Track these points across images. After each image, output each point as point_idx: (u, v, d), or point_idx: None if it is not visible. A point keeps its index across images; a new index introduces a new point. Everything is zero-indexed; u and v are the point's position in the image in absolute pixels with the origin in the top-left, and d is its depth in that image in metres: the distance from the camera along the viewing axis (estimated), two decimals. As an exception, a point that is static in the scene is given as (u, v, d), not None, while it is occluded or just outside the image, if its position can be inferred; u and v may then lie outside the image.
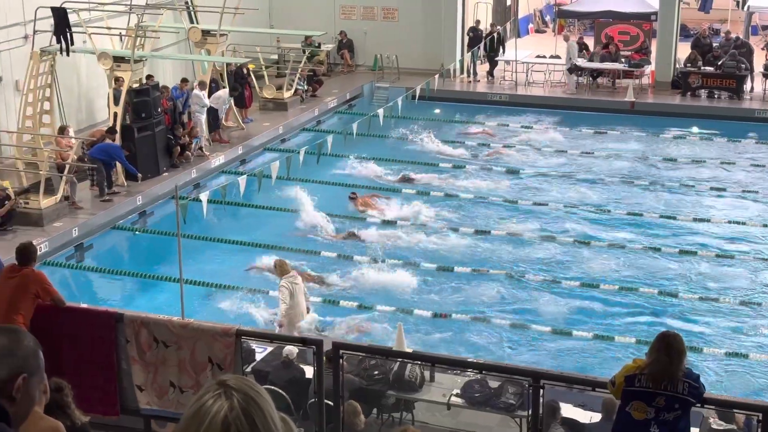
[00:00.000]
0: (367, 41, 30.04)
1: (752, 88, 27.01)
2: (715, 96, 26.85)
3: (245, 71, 24.66)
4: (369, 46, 30.00)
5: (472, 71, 29.21)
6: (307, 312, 13.58)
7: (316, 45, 28.41)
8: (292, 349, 10.68)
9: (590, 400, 10.20)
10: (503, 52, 29.57)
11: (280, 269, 13.42)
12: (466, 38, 29.26)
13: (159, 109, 20.30)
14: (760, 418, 7.17)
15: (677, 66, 28.01)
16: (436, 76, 25.16)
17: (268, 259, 15.65)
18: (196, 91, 21.93)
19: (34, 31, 19.74)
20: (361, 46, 30.36)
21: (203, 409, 2.07)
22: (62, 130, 19.61)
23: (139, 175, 19.26)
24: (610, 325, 14.78)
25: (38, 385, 2.95)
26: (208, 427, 2.04)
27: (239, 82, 24.15)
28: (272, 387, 10.61)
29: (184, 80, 22.82)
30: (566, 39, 28.66)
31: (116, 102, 19.68)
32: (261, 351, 11.38)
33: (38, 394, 2.97)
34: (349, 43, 30.23)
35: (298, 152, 18.80)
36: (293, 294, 13.05)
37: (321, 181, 20.84)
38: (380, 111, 21.76)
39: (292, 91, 26.07)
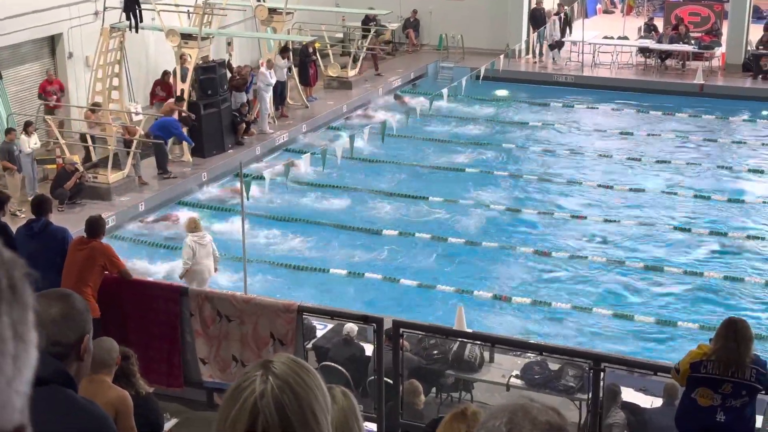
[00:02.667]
0: (432, 20, 29.89)
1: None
2: (788, 79, 26.25)
3: (311, 50, 24.74)
4: (434, 25, 29.85)
5: (539, 51, 28.92)
6: (215, 271, 13.42)
7: (379, 23, 28.32)
8: (352, 327, 10.74)
9: (651, 385, 10.12)
10: (570, 32, 29.22)
11: (188, 226, 13.32)
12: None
13: (225, 87, 20.49)
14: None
15: (749, 48, 27.41)
16: (501, 56, 24.99)
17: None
18: (263, 69, 22.06)
19: (104, 8, 20.04)
20: (427, 26, 30.23)
21: (238, 390, 1.96)
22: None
23: (192, 144, 19.50)
24: (673, 309, 14.61)
25: (91, 342, 3.09)
26: (239, 411, 1.93)
27: (304, 60, 24.24)
28: (332, 364, 10.73)
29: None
30: (548, 15, 28.25)
31: (183, 79, 19.92)
32: (322, 328, 11.47)
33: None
34: (415, 22, 30.13)
35: (362, 131, 18.86)
36: (195, 253, 12.92)
37: (384, 160, 20.90)
38: (444, 91, 21.70)
39: (357, 69, 26.12)
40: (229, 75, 21.35)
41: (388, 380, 9.09)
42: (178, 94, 20.06)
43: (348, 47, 27.30)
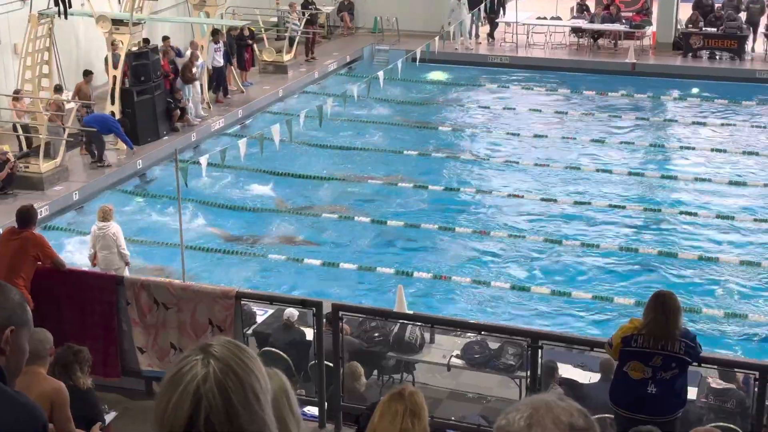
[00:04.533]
0: (367, 3, 29.83)
1: (753, 48, 26.88)
2: (717, 57, 26.71)
3: (247, 34, 24.54)
4: (369, 8, 29.80)
5: (473, 33, 29.01)
6: (125, 266, 13.34)
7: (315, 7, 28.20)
8: (292, 312, 10.72)
9: (589, 361, 10.26)
10: (504, 13, 29.38)
11: (98, 214, 13.27)
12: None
13: (159, 73, 20.23)
14: (757, 376, 7.22)
15: (678, 27, 27.84)
16: (437, 38, 25.01)
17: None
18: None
19: (32, -6, 19.63)
20: (361, 8, 30.16)
21: (178, 375, 1.94)
22: (58, 89, 19.56)
23: (134, 148, 19.20)
24: (610, 285, 14.82)
25: (27, 338, 2.98)
26: (181, 396, 1.91)
27: (240, 45, 24.02)
28: (273, 349, 10.70)
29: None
30: None
31: (115, 65, 19.61)
32: (262, 313, 11.44)
33: (28, 347, 3.01)
34: (349, 5, 30.03)
35: (299, 115, 18.76)
36: (95, 242, 12.98)
37: (323, 144, 20.86)
38: (380, 73, 21.67)
39: (292, 53, 25.97)
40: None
41: (329, 364, 9.10)
42: (110, 81, 19.74)
43: (282, 31, 27.13)
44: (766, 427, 7.32)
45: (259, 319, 11.35)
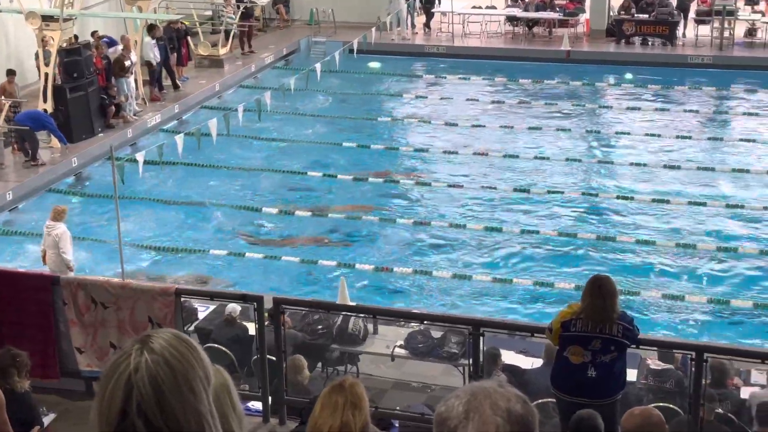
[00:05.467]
0: (303, -5, 29.74)
1: (684, 33, 27.32)
2: (649, 43, 27.09)
3: (184, 28, 24.29)
4: (304, 0, 29.69)
5: (409, 23, 29.07)
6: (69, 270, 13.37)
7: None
8: (234, 307, 10.66)
9: (532, 347, 10.36)
10: (439, 3, 29.49)
11: (51, 214, 13.24)
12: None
13: (92, 69, 19.92)
14: (694, 356, 7.35)
15: (611, 14, 28.18)
16: (373, 29, 25.03)
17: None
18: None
19: (-42, -9, 19.22)
20: (297, 0, 30.02)
21: (114, 366, 1.96)
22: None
23: (67, 144, 18.90)
24: (550, 271, 14.96)
25: None
26: (114, 387, 1.92)
27: (177, 39, 23.73)
28: (215, 345, 10.63)
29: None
30: None
31: (46, 62, 19.27)
32: (203, 309, 11.36)
33: None
34: (284, -3, 29.88)
35: (236, 109, 18.65)
36: (43, 240, 13.06)
37: (262, 137, 20.74)
38: (317, 66, 21.62)
39: (228, 46, 25.77)
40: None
41: (272, 358, 9.07)
42: (42, 78, 19.40)
43: (218, 25, 26.90)
44: (703, 405, 7.46)
45: (201, 316, 11.27)
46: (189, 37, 24.89)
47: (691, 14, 27.60)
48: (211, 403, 2.03)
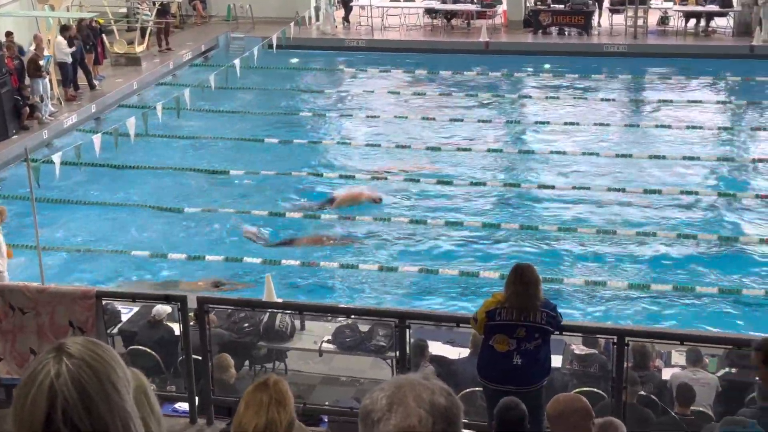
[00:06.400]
0: (220, -9, 29.47)
1: (599, 23, 27.78)
2: (566, 33, 27.47)
3: (97, 26, 23.86)
4: (221, -5, 29.46)
5: (321, 18, 29.01)
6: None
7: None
8: (160, 309, 10.53)
9: (459, 337, 10.44)
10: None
11: None
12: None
13: (4, 70, 19.46)
14: (615, 340, 7.48)
15: (528, 5, 28.51)
16: (292, 24, 24.93)
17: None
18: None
19: None
20: (214, -4, 29.78)
21: (32, 374, 1.94)
22: None
23: None
24: (475, 261, 15.08)
25: None
26: (36, 395, 1.90)
27: (93, 37, 23.30)
28: (140, 347, 10.50)
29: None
30: None
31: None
32: (127, 312, 11.20)
33: None
34: (201, -7, 29.57)
35: (155, 108, 18.41)
36: None
37: (182, 136, 20.49)
38: (237, 62, 21.45)
39: (145, 44, 25.40)
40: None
41: (198, 358, 8.97)
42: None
43: (133, 22, 26.50)
44: (626, 388, 7.59)
45: (125, 318, 11.12)
46: (104, 36, 24.47)
47: (606, 4, 28.07)
48: (134, 405, 2.03)
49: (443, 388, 2.06)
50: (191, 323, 8.98)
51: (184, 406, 9.06)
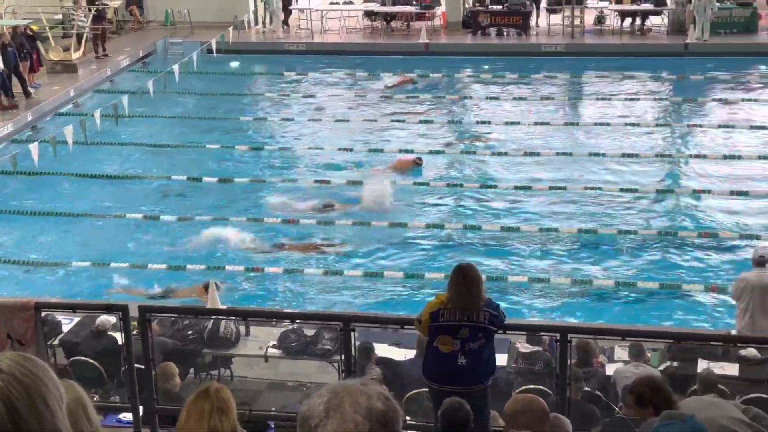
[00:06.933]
0: (157, -5, 29.20)
1: (537, 23, 28.06)
2: (504, 33, 27.69)
3: (32, 33, 23.50)
4: (158, 0, 29.15)
5: (268, 21, 28.94)
6: None
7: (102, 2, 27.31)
8: (104, 319, 10.40)
9: (405, 339, 10.46)
10: (296, 0, 29.45)
11: None
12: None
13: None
14: (558, 338, 7.54)
15: (466, 6, 28.69)
16: (231, 28, 24.79)
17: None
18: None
19: None
20: (151, 1, 29.47)
21: None
22: None
23: None
24: (420, 262, 15.10)
25: None
26: None
27: (27, 45, 22.92)
28: (83, 358, 10.36)
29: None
30: None
31: None
32: (68, 322, 11.04)
33: None
34: (138, -1, 29.28)
35: (93, 115, 18.18)
36: None
37: (121, 143, 20.25)
38: (175, 67, 21.27)
39: (81, 50, 25.07)
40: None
41: (141, 367, 8.86)
42: None
43: (69, 29, 26.14)
44: (570, 385, 7.66)
45: (66, 329, 10.95)
46: (39, 42, 24.09)
47: (543, 4, 28.36)
48: (66, 421, 2.00)
49: (381, 393, 2.06)
50: (134, 332, 8.88)
51: (128, 416, 8.95)
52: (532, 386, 9.12)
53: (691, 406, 3.91)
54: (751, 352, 9.99)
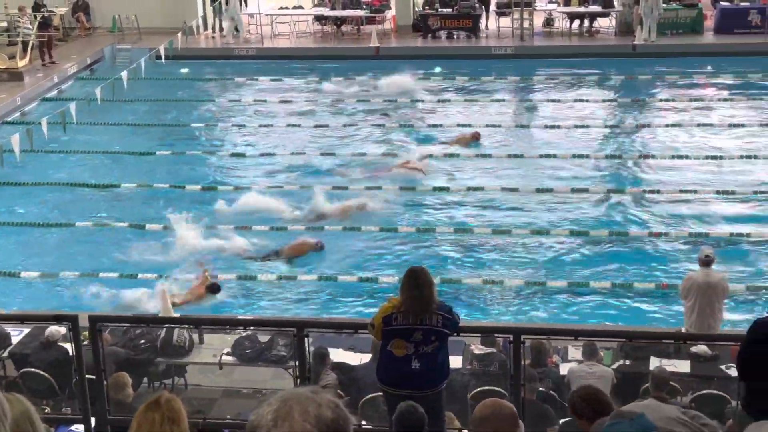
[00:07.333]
0: (103, 2, 28.87)
1: (487, 26, 28.23)
2: (454, 36, 27.82)
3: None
4: (105, 6, 28.85)
5: (217, 27, 28.79)
6: None
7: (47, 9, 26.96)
8: (54, 330, 10.26)
9: (360, 343, 10.46)
10: (246, 5, 29.33)
11: None
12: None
13: None
14: (512, 339, 7.57)
15: (416, 9, 28.78)
16: (179, 34, 24.61)
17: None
18: None
19: None
20: (97, 7, 29.15)
21: None
22: None
23: None
24: (375, 266, 15.08)
25: None
26: None
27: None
28: (33, 370, 10.23)
29: None
30: None
31: None
32: (17, 334, 10.90)
33: None
34: (84, 5, 28.92)
35: (40, 123, 17.93)
36: None
37: (70, 151, 20.00)
38: (124, 74, 21.06)
39: (27, 58, 24.74)
40: None
41: (92, 377, 8.74)
42: None
43: (14, 36, 25.77)
44: (524, 385, 7.69)
45: (15, 340, 10.81)
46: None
47: (492, 7, 28.54)
48: None
49: (331, 401, 2.05)
50: (85, 342, 8.76)
51: (80, 428, 8.83)
52: (487, 388, 9.15)
53: (631, 410, 3.96)
54: (701, 349, 10.13)
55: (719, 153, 19.13)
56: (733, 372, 6.53)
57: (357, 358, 10.44)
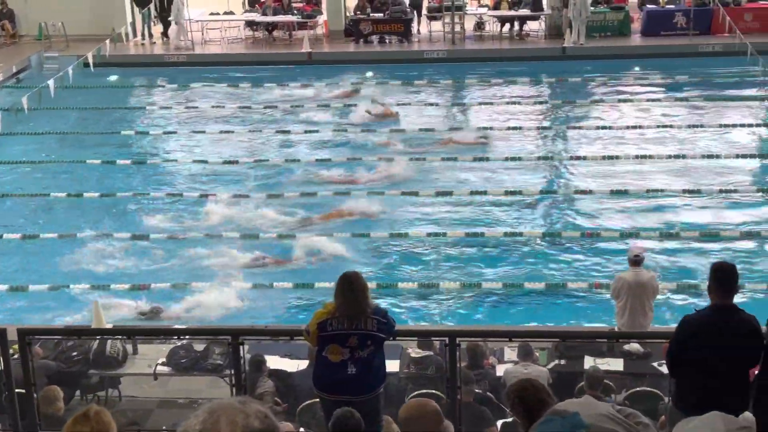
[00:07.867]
0: (29, 9, 28.36)
1: (419, 30, 28.37)
2: (386, 41, 27.89)
3: None
4: (31, 13, 28.34)
5: (147, 33, 28.46)
6: None
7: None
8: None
9: (297, 349, 10.41)
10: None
11: None
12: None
13: None
14: (447, 342, 7.59)
15: (348, 14, 28.79)
16: (108, 41, 24.28)
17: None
18: None
19: None
20: (22, 15, 28.63)
21: None
22: None
23: None
24: (309, 273, 15.01)
25: None
26: None
27: None
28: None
29: None
30: None
31: None
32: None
33: None
34: (9, 13, 28.39)
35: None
36: None
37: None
38: (51, 82, 20.71)
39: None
40: None
41: (22, 392, 8.56)
42: None
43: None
44: (460, 388, 7.72)
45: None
46: None
47: (424, 11, 28.69)
48: None
49: (259, 411, 2.03)
50: (14, 356, 8.58)
51: (10, 444, 8.64)
52: (424, 391, 9.16)
53: (565, 407, 3.99)
54: (633, 347, 10.29)
55: (648, 153, 19.45)
56: (665, 369, 6.64)
57: (294, 365, 10.38)
